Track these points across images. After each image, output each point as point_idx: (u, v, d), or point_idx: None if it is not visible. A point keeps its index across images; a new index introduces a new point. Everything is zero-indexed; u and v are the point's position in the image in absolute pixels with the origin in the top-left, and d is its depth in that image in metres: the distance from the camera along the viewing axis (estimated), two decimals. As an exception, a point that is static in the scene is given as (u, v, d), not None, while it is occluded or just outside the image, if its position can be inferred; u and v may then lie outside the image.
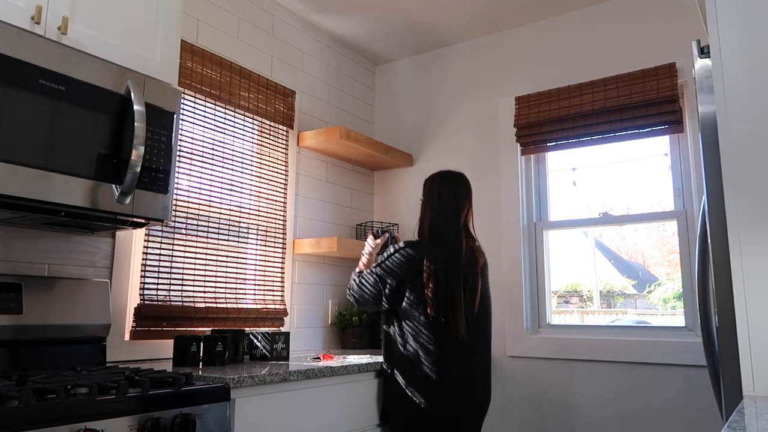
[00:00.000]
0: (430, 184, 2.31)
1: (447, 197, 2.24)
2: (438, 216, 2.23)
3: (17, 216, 1.68)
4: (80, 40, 1.71)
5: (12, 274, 1.81)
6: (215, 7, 2.64)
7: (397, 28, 3.21)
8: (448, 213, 2.23)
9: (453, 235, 2.21)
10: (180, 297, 2.35)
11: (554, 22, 3.05)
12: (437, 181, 2.29)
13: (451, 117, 3.32)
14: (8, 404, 1.25)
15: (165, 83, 1.91)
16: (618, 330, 2.70)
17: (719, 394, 1.48)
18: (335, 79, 3.34)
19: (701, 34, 2.59)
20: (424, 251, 2.15)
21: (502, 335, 2.92)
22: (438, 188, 2.27)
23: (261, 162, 2.79)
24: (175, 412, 1.48)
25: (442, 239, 2.20)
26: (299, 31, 3.11)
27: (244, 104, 2.69)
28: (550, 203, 3.03)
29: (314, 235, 3.02)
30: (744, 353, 1.16)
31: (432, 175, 2.34)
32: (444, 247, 2.18)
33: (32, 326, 1.78)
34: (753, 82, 1.23)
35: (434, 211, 2.24)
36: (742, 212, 1.20)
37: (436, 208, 2.24)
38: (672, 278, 3.04)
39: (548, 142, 2.94)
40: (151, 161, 1.80)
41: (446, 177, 2.30)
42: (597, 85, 2.80)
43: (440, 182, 2.28)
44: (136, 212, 1.76)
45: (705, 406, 2.38)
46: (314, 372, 1.94)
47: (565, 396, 2.71)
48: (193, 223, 2.44)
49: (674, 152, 2.69)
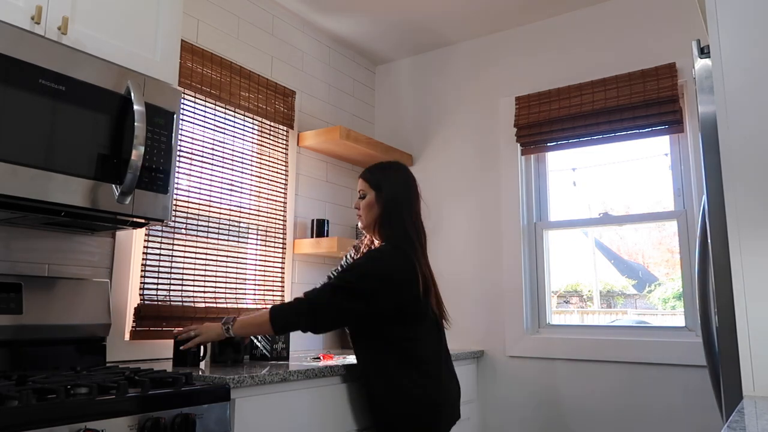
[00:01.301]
0: (379, 177, 2.08)
1: (401, 190, 2.05)
2: (395, 211, 2.02)
3: (17, 216, 1.68)
4: (80, 40, 1.71)
5: (12, 274, 1.81)
6: (215, 7, 2.64)
7: (397, 28, 3.21)
8: (402, 208, 2.03)
9: (413, 231, 2.02)
10: (180, 297, 2.35)
11: (554, 22, 3.05)
12: (386, 173, 2.09)
13: (451, 117, 3.32)
14: (8, 404, 1.25)
15: (165, 83, 1.91)
16: (618, 330, 2.70)
17: (719, 394, 1.48)
18: (335, 79, 3.34)
19: (701, 34, 2.59)
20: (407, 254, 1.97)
21: (502, 335, 2.91)
22: (398, 179, 2.07)
23: (261, 162, 2.79)
24: (175, 412, 1.48)
25: (405, 237, 2.01)
26: (299, 31, 3.11)
27: (244, 104, 2.69)
28: (550, 203, 3.03)
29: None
30: (744, 353, 1.16)
31: (373, 167, 2.13)
32: (411, 245, 2.00)
33: (32, 326, 1.78)
34: (753, 82, 1.23)
35: (391, 206, 2.03)
36: (742, 212, 1.20)
37: (392, 203, 2.03)
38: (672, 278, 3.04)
39: (548, 142, 2.94)
40: (151, 161, 1.80)
41: (393, 168, 2.12)
42: (597, 85, 2.80)
43: (389, 174, 2.09)
44: (136, 212, 1.76)
45: (705, 406, 2.38)
46: (314, 372, 1.94)
47: (565, 396, 2.71)
48: (193, 223, 2.44)
49: (674, 152, 2.69)
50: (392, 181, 2.07)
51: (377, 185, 2.06)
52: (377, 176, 2.08)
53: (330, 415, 2.01)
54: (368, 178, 2.09)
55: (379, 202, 2.03)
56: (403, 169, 2.14)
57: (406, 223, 2.01)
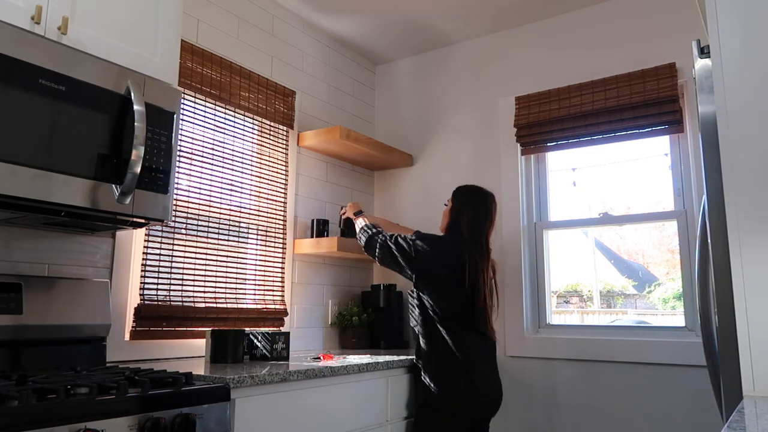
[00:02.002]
0: (465, 196, 2.46)
1: (480, 210, 2.41)
2: (472, 222, 2.38)
3: (17, 216, 1.68)
4: (80, 40, 1.71)
5: (12, 274, 1.81)
6: (215, 7, 2.64)
7: (397, 28, 3.21)
8: (479, 223, 2.39)
9: (485, 242, 2.39)
10: (180, 297, 2.35)
11: (554, 22, 3.05)
12: (471, 195, 2.45)
13: (451, 117, 3.32)
14: (8, 404, 1.25)
15: (165, 83, 1.91)
16: (618, 330, 2.70)
17: (719, 394, 1.48)
18: (335, 79, 3.34)
19: (701, 34, 2.59)
20: (464, 247, 2.32)
21: (502, 335, 2.91)
22: (473, 200, 2.42)
23: (261, 162, 2.79)
24: (175, 412, 1.48)
25: (475, 242, 2.35)
26: (299, 31, 3.11)
27: (244, 104, 2.69)
28: (550, 203, 3.03)
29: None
30: (744, 353, 1.16)
31: (466, 187, 2.50)
32: (477, 249, 2.33)
33: (32, 326, 1.78)
34: (753, 82, 1.23)
35: (468, 218, 2.38)
36: (742, 212, 1.19)
37: (471, 218, 2.38)
38: (672, 278, 3.04)
39: (548, 142, 2.94)
40: (151, 161, 1.80)
41: (484, 194, 2.46)
42: (597, 85, 2.80)
43: (472, 196, 2.45)
44: (136, 212, 1.76)
45: (705, 406, 2.38)
46: (314, 372, 1.94)
47: (565, 396, 2.71)
48: (193, 223, 2.44)
49: (674, 152, 2.69)
50: (463, 203, 2.44)
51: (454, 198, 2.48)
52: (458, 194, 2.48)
53: (330, 415, 2.01)
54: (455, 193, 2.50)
55: (452, 213, 2.44)
56: (475, 192, 2.47)
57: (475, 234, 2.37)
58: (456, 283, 2.28)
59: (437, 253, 2.33)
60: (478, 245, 2.34)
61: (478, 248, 2.34)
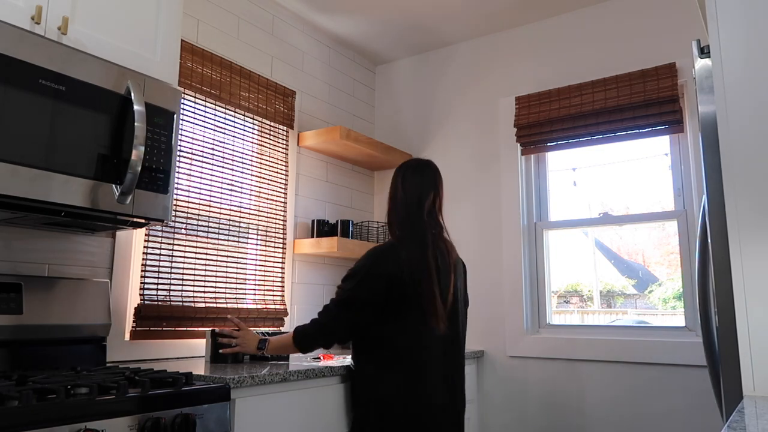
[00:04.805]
0: (395, 175, 2.09)
1: (411, 186, 2.02)
2: (404, 207, 2.01)
3: (17, 216, 1.68)
4: (80, 40, 1.71)
5: (12, 274, 1.81)
6: (215, 7, 2.64)
7: (397, 28, 3.21)
8: (412, 203, 2.01)
9: (419, 226, 1.99)
10: (180, 297, 2.35)
11: (554, 22, 3.05)
12: (402, 171, 2.08)
13: (451, 117, 3.32)
14: (8, 404, 1.25)
15: (165, 83, 1.91)
16: (618, 330, 2.70)
17: (719, 394, 1.48)
18: (335, 79, 3.34)
19: (701, 34, 2.59)
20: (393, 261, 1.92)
21: (502, 335, 2.91)
22: (402, 178, 2.06)
23: (261, 162, 2.79)
24: (175, 412, 1.48)
25: (411, 232, 1.98)
26: (299, 31, 3.11)
27: (244, 104, 2.69)
28: (550, 203, 3.03)
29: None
30: (744, 353, 1.16)
31: (399, 166, 2.12)
32: (413, 240, 1.96)
33: (32, 326, 1.78)
34: (753, 82, 1.23)
35: (399, 202, 2.03)
36: (742, 212, 1.20)
37: (401, 199, 2.02)
38: (672, 278, 3.04)
39: (548, 142, 2.94)
40: (151, 161, 1.80)
41: (412, 166, 2.09)
42: (597, 85, 2.80)
43: (405, 171, 2.07)
44: (136, 212, 1.76)
45: (705, 406, 2.38)
46: (314, 372, 1.94)
47: (565, 396, 2.71)
48: (193, 223, 2.44)
49: (674, 152, 2.69)
50: (392, 183, 2.09)
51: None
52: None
53: (330, 415, 2.01)
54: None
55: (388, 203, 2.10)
56: (401, 167, 2.10)
57: (403, 221, 2.01)
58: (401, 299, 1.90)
59: (365, 277, 1.93)
60: (414, 230, 1.97)
61: (416, 237, 1.96)
